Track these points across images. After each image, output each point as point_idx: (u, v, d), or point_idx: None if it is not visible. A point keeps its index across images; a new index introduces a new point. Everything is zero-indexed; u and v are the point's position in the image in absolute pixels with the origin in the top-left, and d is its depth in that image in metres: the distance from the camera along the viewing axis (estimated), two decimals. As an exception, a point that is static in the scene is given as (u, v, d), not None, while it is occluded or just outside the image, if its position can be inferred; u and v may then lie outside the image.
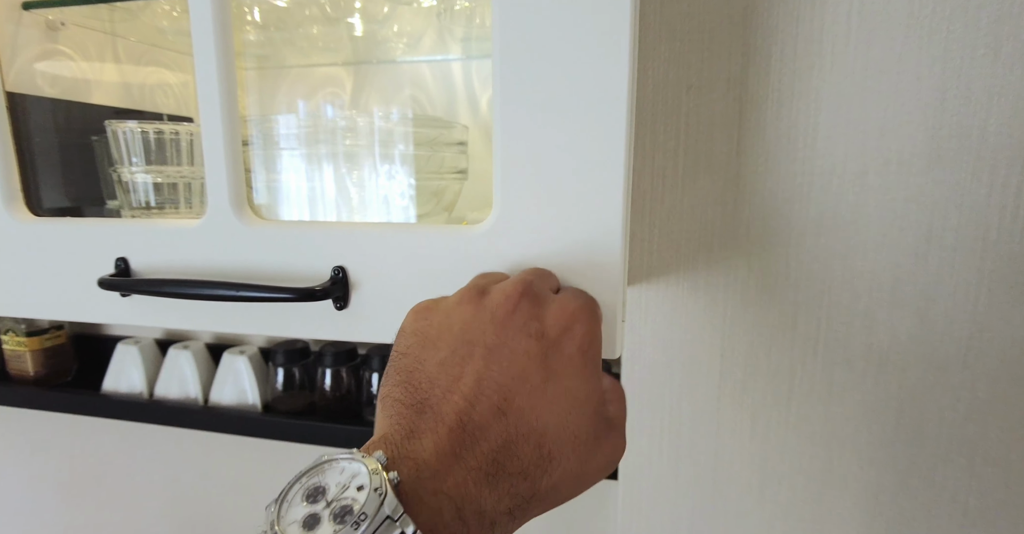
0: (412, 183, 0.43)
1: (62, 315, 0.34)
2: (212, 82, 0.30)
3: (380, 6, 0.48)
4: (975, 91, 0.37)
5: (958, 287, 0.40)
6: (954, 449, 0.42)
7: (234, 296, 0.29)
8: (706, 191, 0.42)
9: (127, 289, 0.32)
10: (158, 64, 0.52)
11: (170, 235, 0.32)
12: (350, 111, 0.53)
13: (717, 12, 0.40)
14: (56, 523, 0.88)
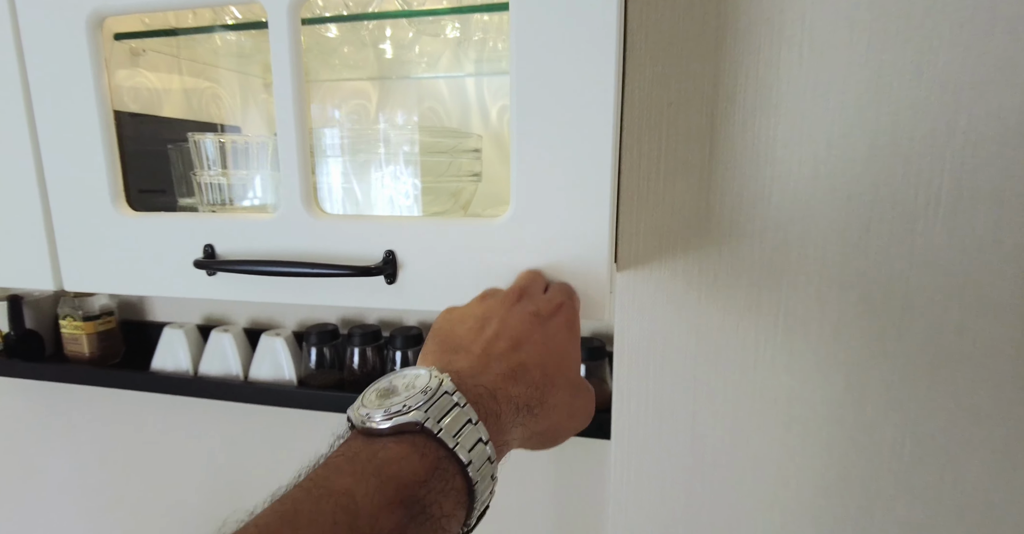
0: (426, 183, 0.52)
1: (162, 292, 0.42)
2: (288, 104, 0.38)
3: (406, 32, 0.56)
4: (903, 108, 0.45)
5: (892, 271, 0.48)
6: (892, 407, 0.50)
7: (305, 273, 0.37)
8: (683, 191, 0.50)
9: (217, 268, 0.40)
10: (211, 80, 0.60)
11: (249, 226, 0.40)
12: (379, 124, 0.61)
13: (693, 42, 0.48)
14: (107, 490, 0.96)
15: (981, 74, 0.43)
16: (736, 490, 0.54)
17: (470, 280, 0.37)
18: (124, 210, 0.43)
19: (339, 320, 0.78)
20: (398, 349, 0.69)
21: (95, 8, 0.40)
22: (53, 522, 1.00)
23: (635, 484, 0.57)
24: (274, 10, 0.36)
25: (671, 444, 0.55)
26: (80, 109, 0.42)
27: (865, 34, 0.45)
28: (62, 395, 0.93)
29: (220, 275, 0.41)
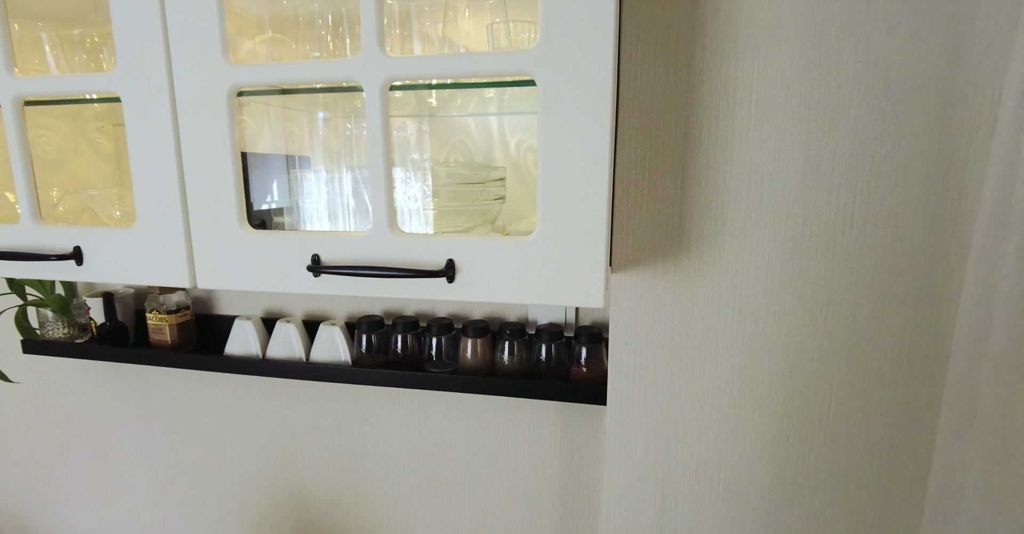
0: (464, 205, 0.67)
1: (278, 289, 0.57)
2: (379, 154, 0.53)
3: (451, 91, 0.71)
4: (825, 152, 0.61)
5: (819, 272, 0.63)
6: (821, 377, 0.65)
7: (391, 275, 0.53)
8: (661, 212, 0.65)
9: (324, 271, 0.55)
10: (289, 120, 0.76)
11: (346, 240, 0.56)
12: (429, 162, 0.76)
13: (669, 101, 0.63)
14: (173, 458, 1.12)
15: (880, 128, 0.59)
16: (703, 441, 0.70)
17: (509, 280, 0.53)
18: (246, 228, 0.58)
19: (383, 312, 0.94)
20: (433, 336, 0.85)
21: (234, 84, 0.55)
22: (126, 485, 1.16)
23: (626, 440, 0.73)
24: (370, 87, 0.52)
25: (653, 407, 0.71)
26: (218, 153, 0.57)
27: (796, 98, 0.60)
28: (140, 376, 1.08)
29: (324, 276, 0.56)
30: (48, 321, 1.00)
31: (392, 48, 0.64)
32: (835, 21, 0.58)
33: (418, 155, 0.78)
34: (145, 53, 0.56)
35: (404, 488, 0.99)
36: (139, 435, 1.12)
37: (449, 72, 0.51)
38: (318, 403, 1.00)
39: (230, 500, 1.10)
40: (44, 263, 0.64)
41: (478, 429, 0.93)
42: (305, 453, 1.03)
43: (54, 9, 0.77)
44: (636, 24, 0.62)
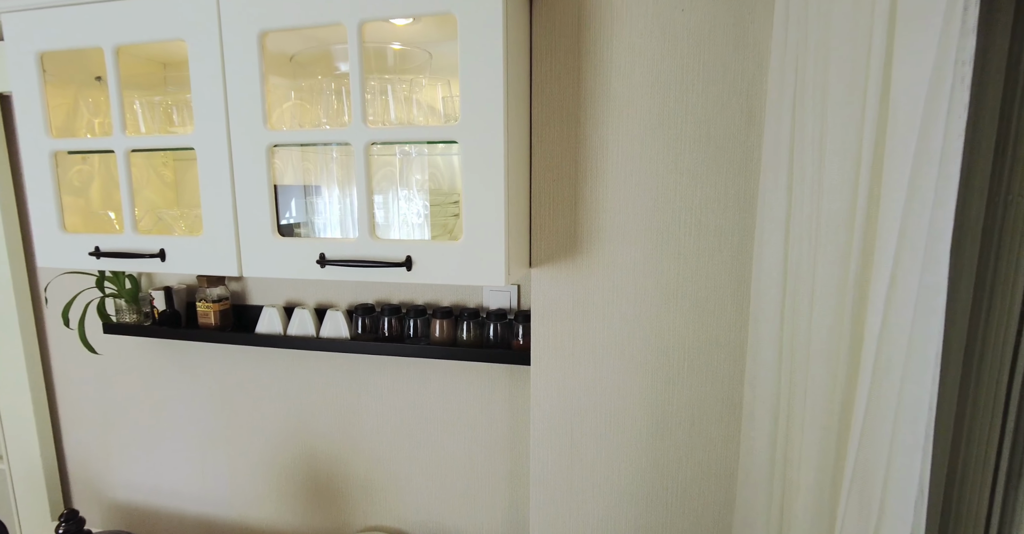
0: (428, 217, 0.96)
1: (297, 276, 0.86)
2: (363, 191, 0.82)
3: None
4: (669, 184, 0.88)
5: (664, 266, 0.91)
6: (673, 341, 0.92)
7: (368, 264, 0.81)
8: (562, 226, 0.93)
9: (328, 264, 0.84)
10: (307, 160, 1.06)
11: (342, 244, 0.85)
12: (408, 189, 1.05)
13: (565, 150, 0.91)
14: (214, 419, 1.41)
15: (705, 167, 0.87)
16: (596, 389, 0.97)
17: (447, 269, 0.81)
18: (276, 236, 0.88)
19: (374, 301, 1.22)
20: (411, 318, 1.13)
21: (270, 142, 0.85)
22: (173, 443, 1.45)
23: (544, 389, 1.00)
24: (357, 146, 0.81)
25: (562, 366, 0.98)
26: (258, 187, 0.86)
27: (648, 147, 0.88)
28: (188, 352, 1.38)
29: (328, 267, 0.85)
30: (122, 309, 1.31)
31: (375, 109, 0.93)
32: (670, 96, 0.86)
33: (400, 186, 1.07)
34: (214, 121, 0.87)
35: (389, 439, 1.27)
36: (185, 401, 1.41)
37: (407, 137, 0.80)
38: (325, 371, 1.28)
39: (256, 454, 1.38)
40: (140, 260, 0.94)
41: (446, 388, 1.21)
42: (314, 413, 1.32)
43: (141, 80, 1.08)
44: (540, 100, 0.91)
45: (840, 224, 0.53)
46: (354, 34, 0.78)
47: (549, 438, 1.01)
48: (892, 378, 0.47)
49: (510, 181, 0.79)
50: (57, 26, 0.91)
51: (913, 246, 0.44)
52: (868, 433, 0.50)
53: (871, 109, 0.49)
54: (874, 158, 0.48)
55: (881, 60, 0.48)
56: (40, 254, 1.01)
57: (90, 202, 1.08)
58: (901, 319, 0.46)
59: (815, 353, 0.59)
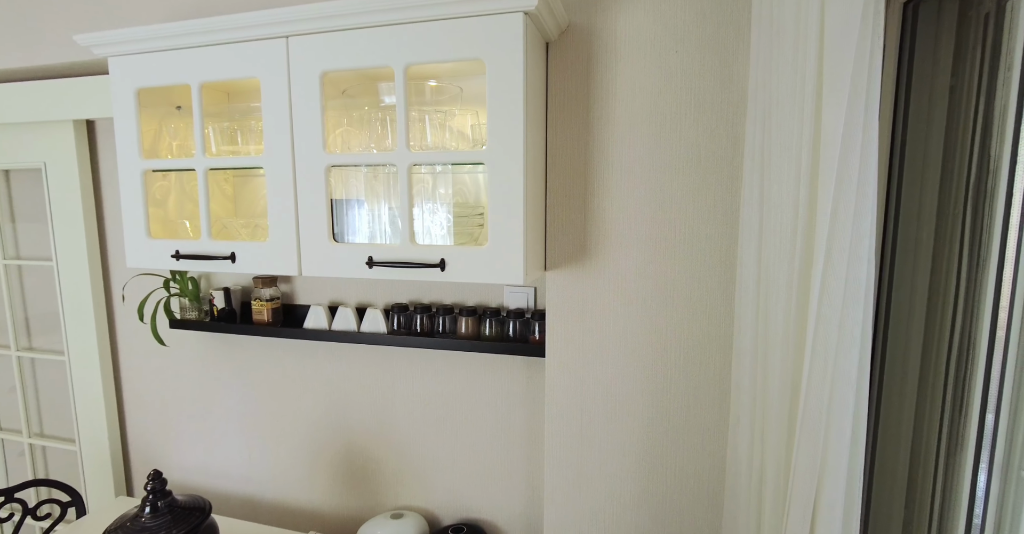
0: (459, 229, 1.11)
1: (348, 275, 1.02)
2: (405, 203, 0.98)
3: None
4: (665, 198, 1.02)
5: (665, 272, 1.04)
6: (670, 336, 1.06)
7: (408, 265, 0.97)
8: (573, 235, 1.08)
9: (375, 265, 0.99)
10: (354, 177, 1.23)
11: (386, 248, 1.00)
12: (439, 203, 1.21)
13: (576, 169, 1.06)
14: (262, 407, 1.57)
15: (697, 184, 1.01)
16: (602, 378, 1.10)
17: (474, 269, 0.96)
18: (332, 242, 1.04)
19: (408, 301, 1.38)
20: (440, 316, 1.28)
21: (328, 164, 1.01)
22: (224, 430, 1.61)
23: (556, 377, 1.13)
24: (401, 167, 0.97)
25: (573, 356, 1.12)
26: (317, 201, 1.03)
27: (647, 166, 1.03)
28: (242, 346, 1.55)
29: (375, 268, 1.01)
30: (185, 307, 1.49)
31: (413, 134, 1.10)
32: (666, 124, 1.01)
33: (431, 199, 1.22)
34: (281, 145, 1.04)
35: (419, 426, 1.41)
36: (237, 390, 1.58)
37: (444, 160, 0.96)
38: (363, 364, 1.44)
39: (298, 439, 1.54)
40: (214, 262, 1.11)
41: (471, 378, 1.35)
42: (352, 402, 1.47)
43: (213, 109, 1.26)
44: (555, 126, 1.07)
45: (786, 232, 0.67)
46: (400, 76, 0.94)
47: (562, 423, 1.14)
48: (827, 357, 0.60)
49: (528, 196, 0.94)
50: (154, 67, 1.10)
51: (839, 247, 0.58)
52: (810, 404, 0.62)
53: (806, 141, 0.63)
54: (810, 178, 0.62)
55: (813, 104, 0.62)
56: (130, 256, 1.19)
57: (168, 212, 1.26)
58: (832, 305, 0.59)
59: (775, 342, 0.72)
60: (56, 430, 1.82)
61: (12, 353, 1.76)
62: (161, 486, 1.03)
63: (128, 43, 1.09)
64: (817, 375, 0.60)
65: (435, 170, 1.20)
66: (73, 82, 1.46)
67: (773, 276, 0.74)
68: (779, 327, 0.71)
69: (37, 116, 1.49)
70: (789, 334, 0.69)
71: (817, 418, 0.60)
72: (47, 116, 1.48)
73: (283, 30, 0.99)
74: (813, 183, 0.62)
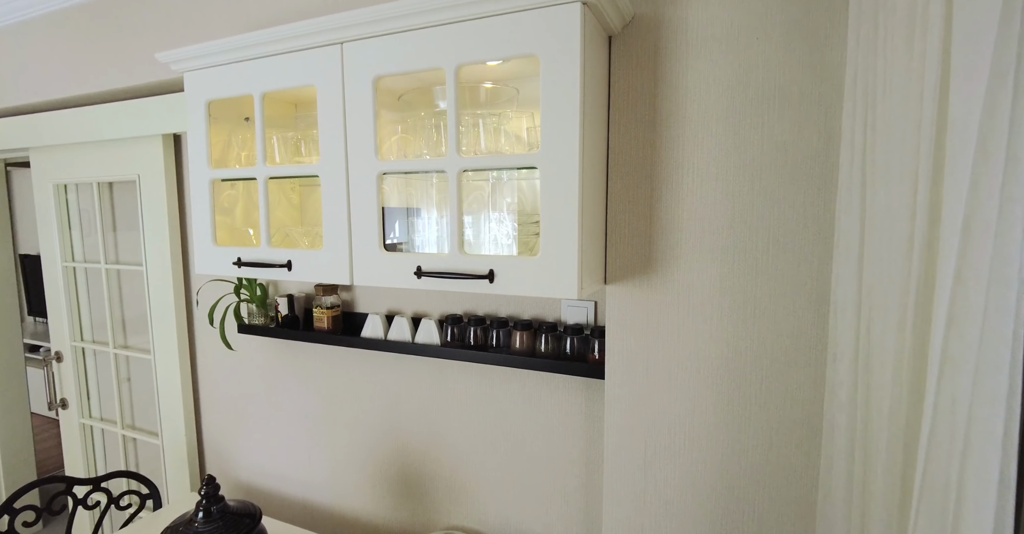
0: (516, 237, 1.05)
1: (397, 285, 0.98)
2: (455, 210, 0.93)
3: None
4: (744, 205, 0.90)
5: (746, 287, 0.91)
6: (751, 361, 0.92)
7: (456, 275, 0.92)
8: (638, 245, 0.98)
9: (423, 275, 0.95)
10: (411, 185, 1.20)
11: (435, 258, 0.96)
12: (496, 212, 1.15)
13: (640, 171, 0.97)
14: (324, 413, 1.58)
15: (783, 188, 0.88)
16: (672, 407, 0.99)
17: (525, 282, 0.89)
18: (382, 251, 1.01)
19: (462, 312, 1.33)
20: (494, 329, 1.22)
21: (379, 171, 0.99)
22: (287, 433, 1.64)
23: (617, 403, 1.03)
24: (451, 173, 0.92)
25: (636, 380, 1.01)
26: (369, 209, 1.01)
27: (723, 168, 0.91)
28: (304, 352, 1.57)
29: (424, 278, 0.96)
30: (253, 312, 1.53)
31: (468, 140, 1.05)
32: (745, 121, 0.89)
33: (490, 208, 1.17)
34: (335, 153, 1.02)
35: (472, 442, 1.35)
36: (298, 395, 1.60)
37: (494, 165, 0.90)
38: (417, 374, 1.41)
39: (354, 447, 1.53)
40: (271, 269, 1.12)
41: (525, 396, 1.27)
42: (407, 413, 1.44)
43: (277, 120, 1.29)
44: (618, 126, 0.98)
45: (898, 247, 0.54)
46: (451, 77, 0.90)
47: (622, 452, 1.04)
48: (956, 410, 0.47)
49: (585, 202, 0.86)
50: (222, 80, 1.13)
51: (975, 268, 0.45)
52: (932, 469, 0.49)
53: (926, 136, 0.50)
54: (932, 182, 0.49)
55: (935, 91, 0.49)
56: (197, 263, 1.23)
57: (235, 220, 1.30)
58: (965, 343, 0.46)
59: (882, 381, 0.59)
60: (145, 424, 1.94)
61: (110, 350, 1.91)
62: (214, 491, 1.04)
63: (199, 58, 1.13)
64: (943, 433, 0.47)
65: (491, 177, 1.14)
66: (162, 99, 1.56)
67: (880, 300, 0.61)
68: (887, 364, 0.58)
69: (132, 132, 1.61)
70: (902, 374, 0.56)
71: (943, 487, 0.47)
72: (140, 131, 1.59)
73: (338, 36, 0.98)
74: (936, 188, 0.49)
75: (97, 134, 1.68)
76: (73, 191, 1.94)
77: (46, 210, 1.94)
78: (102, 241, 1.87)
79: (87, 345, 1.97)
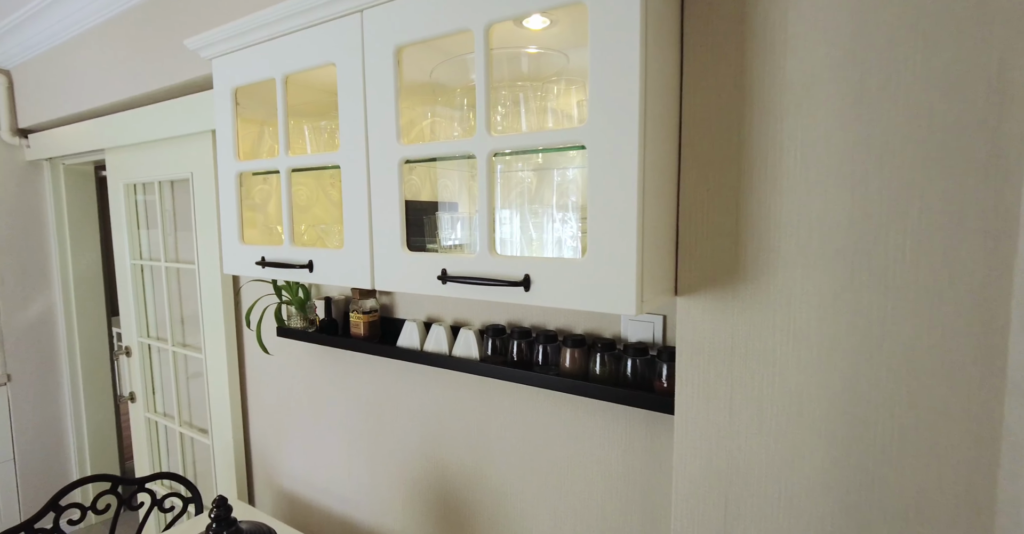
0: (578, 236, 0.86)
1: (419, 291, 0.83)
2: (484, 204, 0.76)
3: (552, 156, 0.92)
4: (871, 193, 0.66)
5: (872, 306, 0.67)
6: (877, 406, 0.68)
7: (487, 282, 0.74)
8: (719, 245, 0.76)
9: (448, 280, 0.79)
10: (444, 177, 1.05)
11: (463, 259, 0.79)
12: (536, 205, 0.97)
13: (723, 153, 0.75)
14: (362, 422, 1.48)
15: (926, 170, 0.63)
16: (763, 457, 0.76)
17: (570, 291, 0.70)
18: (405, 251, 0.86)
19: (505, 322, 1.16)
20: (540, 344, 1.04)
21: (402, 156, 0.84)
22: (327, 443, 1.56)
23: (690, 447, 0.82)
24: (480, 156, 0.75)
25: (714, 419, 0.79)
26: (391, 202, 0.86)
27: (839, 146, 0.67)
28: (344, 360, 1.48)
29: (449, 284, 0.80)
30: (292, 315, 1.45)
31: (508, 122, 0.88)
32: (870, 78, 0.65)
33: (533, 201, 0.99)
34: (355, 139, 0.89)
35: (518, 471, 1.18)
36: (338, 405, 1.50)
37: (529, 144, 0.72)
38: (457, 389, 1.25)
39: (394, 464, 1.41)
40: (292, 270, 1.01)
41: (577, 425, 1.08)
42: (447, 432, 1.29)
43: (310, 109, 1.19)
44: (693, 93, 0.76)
45: None
46: (480, 38, 0.73)
47: (694, 507, 0.82)
48: None
49: (646, 189, 0.66)
50: (246, 64, 1.03)
51: None
52: None
53: None
54: None
55: None
56: (226, 262, 1.15)
57: (268, 217, 1.21)
58: None
59: None
60: (200, 422, 1.95)
61: (169, 348, 1.93)
62: (226, 514, 0.94)
63: (222, 41, 1.04)
64: None
65: (538, 165, 0.96)
66: (209, 94, 1.52)
67: None
68: None
69: (183, 129, 1.59)
70: None
71: None
72: (190, 128, 1.57)
73: (357, 3, 0.84)
74: None
75: (153, 133, 1.68)
76: (140, 191, 1.98)
77: (118, 209, 1.99)
78: (163, 239, 1.89)
79: (152, 342, 2.01)
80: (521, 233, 0.94)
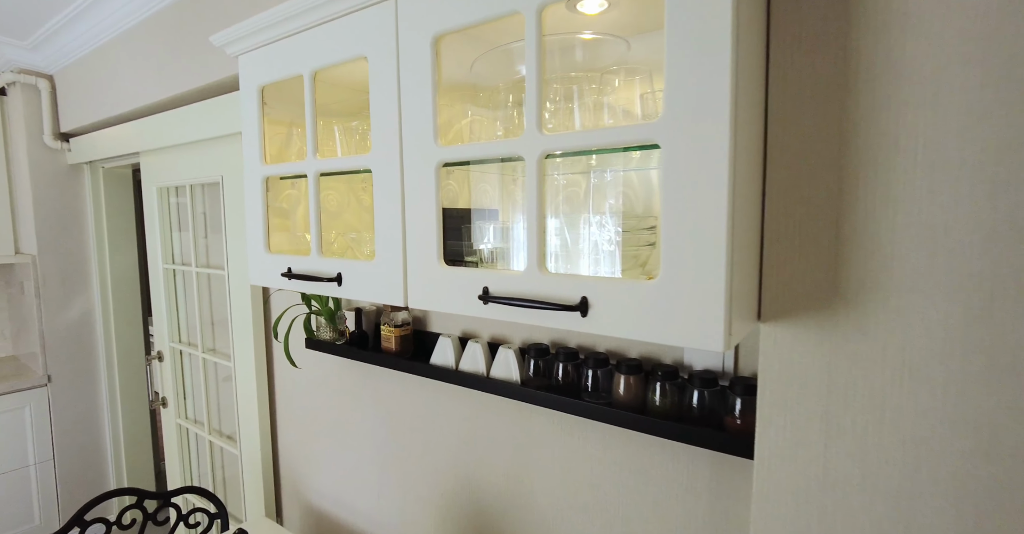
0: (619, 242, 0.75)
1: (457, 311, 0.74)
2: (533, 212, 0.65)
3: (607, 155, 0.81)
4: (1014, 206, 0.53)
5: (1020, 341, 0.54)
6: (1018, 467, 0.54)
7: (536, 305, 0.64)
8: (814, 264, 0.64)
9: (490, 300, 0.69)
10: (483, 181, 0.95)
11: (508, 277, 0.69)
12: (597, 215, 0.87)
13: (820, 153, 0.62)
14: (390, 441, 1.39)
15: (1103, 173, 0.49)
16: (867, 519, 0.63)
17: (637, 319, 0.59)
18: (442, 265, 0.77)
19: (549, 341, 1.05)
20: (590, 368, 0.93)
21: (439, 159, 0.75)
22: (356, 462, 1.48)
23: (774, 500, 0.69)
24: (529, 159, 0.65)
25: (805, 469, 0.67)
26: (427, 210, 0.77)
27: (975, 143, 0.54)
28: (374, 375, 1.40)
29: (490, 305, 0.70)
30: (322, 326, 1.38)
31: (558, 120, 0.77)
32: (1016, 58, 0.52)
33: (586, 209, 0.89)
34: (389, 140, 0.80)
35: (563, 511, 1.07)
36: (367, 421, 1.42)
37: (589, 143, 0.62)
38: (494, 415, 1.15)
39: (424, 487, 1.32)
40: (319, 283, 0.93)
41: (630, 463, 0.96)
42: (483, 459, 1.19)
43: (341, 108, 1.11)
44: (781, 81, 0.64)
45: None
46: (531, 22, 0.63)
47: (775, 569, 0.70)
48: None
49: (736, 197, 0.54)
50: (272, 59, 0.96)
51: None
52: None
53: None
54: None
55: None
56: (252, 272, 1.08)
57: (297, 225, 1.14)
58: None
59: None
60: (229, 431, 1.90)
61: (199, 354, 1.89)
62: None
63: (248, 36, 0.97)
64: None
65: (592, 167, 0.85)
66: (238, 95, 1.47)
67: None
68: None
69: (213, 132, 1.54)
70: None
71: None
72: (220, 131, 1.52)
73: (392, -13, 0.75)
74: None
75: (183, 136, 1.64)
76: (173, 193, 1.96)
77: (151, 212, 1.98)
78: (193, 244, 1.86)
79: (183, 348, 1.98)
80: (571, 245, 0.84)
